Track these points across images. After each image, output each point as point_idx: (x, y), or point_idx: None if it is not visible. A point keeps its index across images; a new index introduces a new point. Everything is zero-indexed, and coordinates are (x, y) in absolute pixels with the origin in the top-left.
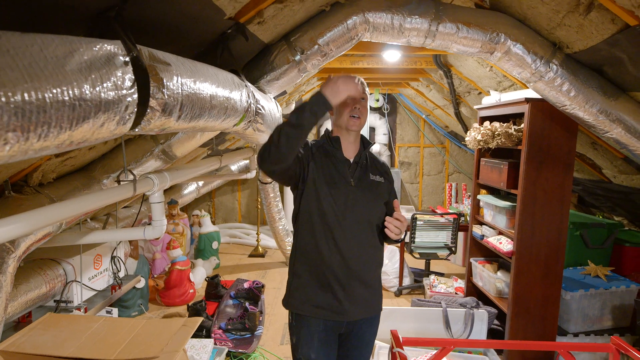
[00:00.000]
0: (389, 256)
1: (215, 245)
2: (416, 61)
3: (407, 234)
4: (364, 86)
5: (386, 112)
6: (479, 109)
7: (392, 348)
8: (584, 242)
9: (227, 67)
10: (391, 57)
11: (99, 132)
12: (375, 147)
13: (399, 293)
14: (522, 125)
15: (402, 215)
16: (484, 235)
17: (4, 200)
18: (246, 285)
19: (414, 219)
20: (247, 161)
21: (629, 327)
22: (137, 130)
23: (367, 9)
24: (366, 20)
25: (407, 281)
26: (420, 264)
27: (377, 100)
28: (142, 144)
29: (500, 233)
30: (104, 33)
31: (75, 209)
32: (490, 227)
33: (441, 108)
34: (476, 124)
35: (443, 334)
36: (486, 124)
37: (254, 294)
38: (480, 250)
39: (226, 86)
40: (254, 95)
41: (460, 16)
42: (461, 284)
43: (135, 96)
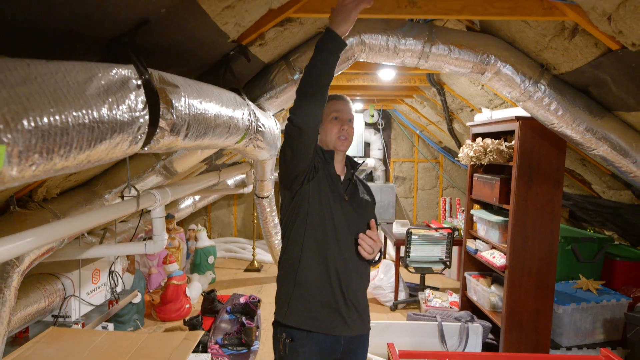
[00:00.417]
0: (385, 270)
1: (211, 259)
2: (410, 79)
3: (381, 256)
4: (351, 105)
5: (381, 127)
6: (472, 125)
7: None
8: (575, 256)
9: (229, 86)
10: (386, 75)
11: (113, 152)
12: (370, 162)
13: (394, 307)
14: (513, 142)
15: (376, 235)
16: (477, 250)
17: (8, 215)
18: (242, 300)
19: (409, 233)
20: (244, 175)
21: (620, 340)
22: (146, 149)
23: (363, 30)
24: (362, 42)
25: (402, 295)
26: (416, 279)
27: (372, 116)
28: (144, 160)
29: (494, 247)
30: (117, 57)
31: (81, 224)
32: (483, 241)
33: (435, 124)
34: (469, 141)
35: (439, 347)
36: (478, 140)
37: (250, 309)
38: (474, 264)
39: (229, 105)
40: (254, 114)
41: (452, 38)
42: (456, 298)
43: (147, 117)
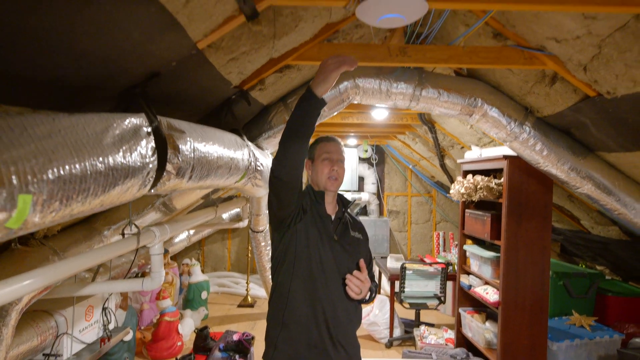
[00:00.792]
0: (379, 306)
1: (204, 295)
2: (402, 117)
3: (375, 293)
4: (342, 147)
5: (374, 162)
6: (462, 162)
7: None
8: (567, 291)
9: (229, 127)
10: (379, 115)
11: (124, 196)
12: (364, 196)
13: (389, 344)
14: (502, 180)
15: (363, 276)
16: (471, 285)
17: (10, 252)
18: (235, 337)
19: (403, 268)
20: (239, 209)
21: None
22: (152, 191)
23: (357, 75)
24: (356, 85)
25: (397, 332)
26: (411, 314)
27: (366, 151)
28: (144, 197)
29: (487, 283)
30: (128, 106)
31: (83, 263)
32: (477, 277)
33: (427, 159)
34: (460, 177)
35: None
36: (469, 177)
37: (243, 347)
38: (469, 300)
39: (230, 147)
40: (253, 154)
41: (441, 82)
42: (451, 334)
43: (156, 162)
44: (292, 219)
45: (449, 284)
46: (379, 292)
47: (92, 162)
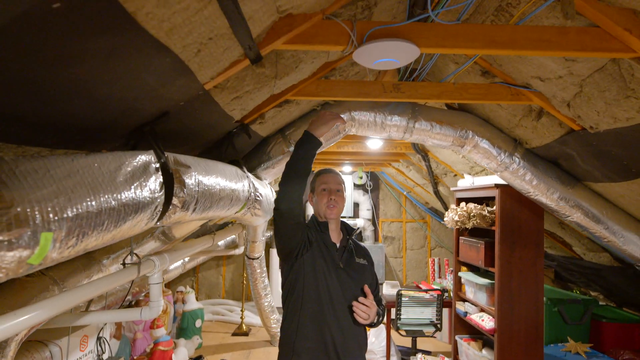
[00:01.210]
0: (376, 334)
1: (198, 323)
2: (396, 146)
3: (382, 317)
4: (339, 177)
5: (369, 188)
6: (455, 190)
7: None
8: (562, 318)
9: (230, 158)
10: (374, 144)
11: (133, 229)
12: (360, 222)
13: None
14: (495, 208)
15: (369, 301)
16: (467, 312)
17: (10, 282)
18: None
19: (399, 295)
20: (235, 236)
21: None
22: (158, 224)
23: (353, 108)
24: (352, 118)
25: None
26: (407, 342)
27: (361, 178)
28: None
29: (482, 310)
30: (137, 142)
31: (86, 294)
32: (472, 303)
33: (421, 186)
34: (453, 205)
35: None
36: (462, 205)
37: None
38: (465, 327)
39: (232, 179)
40: (253, 185)
41: (434, 115)
42: None
43: (163, 197)
44: (299, 250)
45: (445, 311)
46: (384, 317)
47: (107, 199)
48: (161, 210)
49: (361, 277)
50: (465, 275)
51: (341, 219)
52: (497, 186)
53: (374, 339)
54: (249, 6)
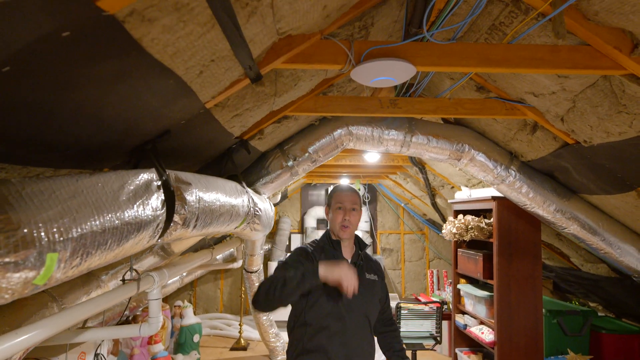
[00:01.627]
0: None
1: (196, 338)
2: (394, 158)
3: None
4: (355, 195)
5: (367, 200)
6: (453, 203)
7: None
8: (562, 329)
9: (229, 173)
10: (371, 158)
11: (135, 247)
12: (358, 234)
13: None
14: (492, 220)
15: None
16: (466, 325)
17: None
18: None
19: (398, 308)
20: (233, 250)
21: None
22: (159, 241)
23: (351, 123)
24: (350, 132)
25: None
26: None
27: (359, 190)
28: None
29: (482, 322)
30: (139, 160)
31: (87, 311)
32: (472, 316)
33: (418, 198)
34: (451, 217)
35: None
36: (460, 217)
37: None
38: (465, 340)
39: (231, 194)
40: (252, 200)
41: (430, 129)
42: None
43: (164, 214)
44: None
45: (445, 323)
46: None
47: (110, 218)
48: (162, 227)
49: (370, 293)
50: (464, 287)
51: None
52: (494, 198)
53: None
54: (250, 30)
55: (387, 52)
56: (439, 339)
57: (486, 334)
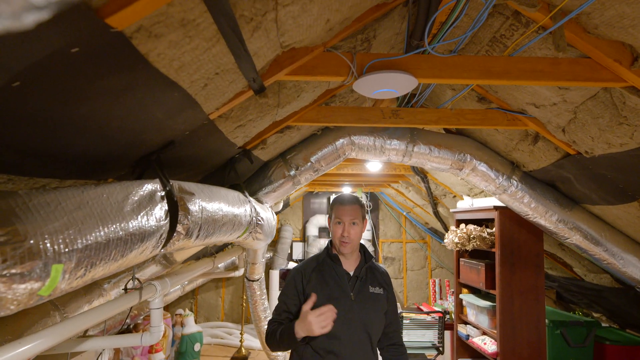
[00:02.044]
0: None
1: (197, 347)
2: (396, 167)
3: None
4: (356, 206)
5: (369, 209)
6: (455, 212)
7: None
8: (565, 340)
9: (231, 182)
10: (373, 167)
11: (139, 258)
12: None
13: None
14: (494, 229)
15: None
16: (469, 335)
17: None
18: None
19: (400, 317)
20: (235, 258)
21: None
22: (162, 251)
23: (353, 132)
24: (352, 142)
25: None
26: None
27: (360, 198)
28: None
29: (484, 333)
30: (143, 171)
31: (90, 320)
32: (474, 326)
33: (420, 207)
34: (453, 227)
35: None
36: (462, 226)
37: None
38: (467, 350)
39: (234, 204)
40: (255, 209)
41: (432, 139)
42: None
43: (168, 225)
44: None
45: (447, 334)
46: None
47: (114, 228)
48: (166, 237)
49: (374, 308)
50: (467, 297)
51: None
52: (496, 208)
53: None
54: (254, 43)
55: (389, 65)
56: (441, 349)
57: (489, 345)
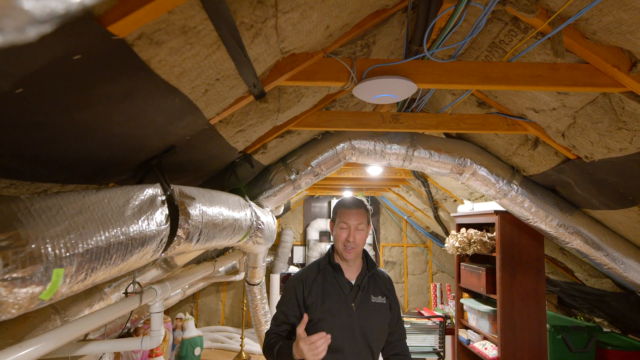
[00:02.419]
0: None
1: (197, 351)
2: (396, 172)
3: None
4: (362, 210)
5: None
6: (455, 216)
7: None
8: (566, 345)
9: (232, 186)
10: (374, 171)
11: (139, 262)
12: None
13: None
14: (495, 234)
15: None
16: (470, 340)
17: None
18: None
19: None
20: (235, 262)
21: None
22: (162, 255)
23: (353, 137)
24: (352, 146)
25: None
26: None
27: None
28: None
29: (485, 338)
30: (144, 175)
31: (91, 324)
32: (475, 331)
33: (421, 211)
34: (454, 231)
35: None
36: (463, 231)
37: None
38: (468, 355)
39: (234, 208)
40: (255, 213)
41: (432, 144)
42: None
43: (168, 229)
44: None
45: (448, 338)
46: None
47: (115, 233)
48: (166, 242)
49: (376, 319)
50: (467, 302)
51: None
52: (496, 212)
53: None
54: (255, 50)
55: (388, 70)
56: (442, 354)
57: (490, 350)
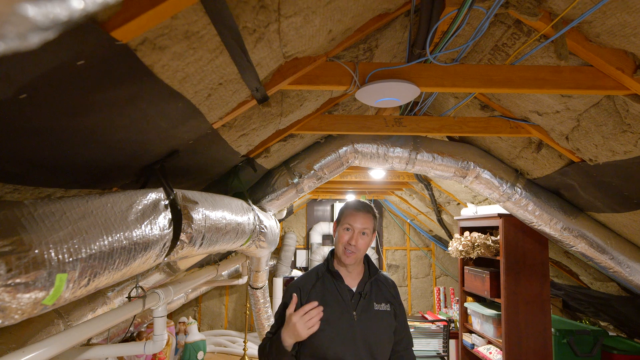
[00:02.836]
0: None
1: (200, 355)
2: (399, 175)
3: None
4: (369, 215)
5: None
6: (459, 219)
7: None
8: (572, 350)
9: (235, 190)
10: (377, 174)
11: (142, 266)
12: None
13: None
14: (499, 237)
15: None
16: (474, 345)
17: None
18: None
19: None
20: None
21: None
22: (166, 259)
23: (356, 140)
24: (355, 150)
25: None
26: None
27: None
28: None
29: (490, 342)
30: (147, 180)
31: (95, 329)
32: (479, 335)
33: (424, 214)
34: (457, 234)
35: None
36: (466, 234)
37: None
38: None
39: (237, 212)
40: (258, 217)
41: (435, 147)
42: None
43: (171, 233)
44: None
45: (452, 343)
46: None
47: (119, 238)
48: (169, 246)
49: (379, 328)
50: (471, 305)
51: None
52: (500, 216)
53: None
54: (257, 54)
55: (391, 74)
56: (446, 358)
57: (494, 354)
